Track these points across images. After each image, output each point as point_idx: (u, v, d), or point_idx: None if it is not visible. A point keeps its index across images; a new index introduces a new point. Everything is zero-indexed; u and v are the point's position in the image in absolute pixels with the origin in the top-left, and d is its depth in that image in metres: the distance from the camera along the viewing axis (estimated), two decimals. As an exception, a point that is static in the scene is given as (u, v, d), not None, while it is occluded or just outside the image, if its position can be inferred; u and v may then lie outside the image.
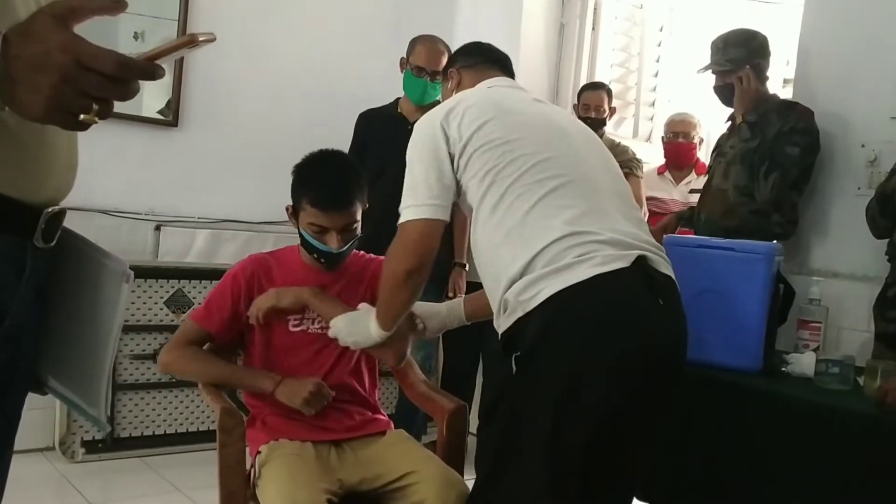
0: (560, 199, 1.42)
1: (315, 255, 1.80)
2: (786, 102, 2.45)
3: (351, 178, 1.81)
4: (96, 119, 0.74)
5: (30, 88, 0.71)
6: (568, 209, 1.41)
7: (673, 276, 1.47)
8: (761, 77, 2.43)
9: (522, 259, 1.38)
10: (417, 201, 1.49)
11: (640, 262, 1.39)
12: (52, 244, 0.91)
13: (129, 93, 0.75)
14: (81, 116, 0.73)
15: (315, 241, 1.77)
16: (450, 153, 1.49)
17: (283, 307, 1.78)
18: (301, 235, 1.80)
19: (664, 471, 1.83)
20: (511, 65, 1.81)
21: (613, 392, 1.34)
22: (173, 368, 1.82)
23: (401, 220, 1.51)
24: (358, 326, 1.68)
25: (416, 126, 1.58)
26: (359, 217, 1.80)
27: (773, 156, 2.32)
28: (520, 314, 1.38)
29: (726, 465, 1.72)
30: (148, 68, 0.74)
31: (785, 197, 2.34)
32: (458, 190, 1.51)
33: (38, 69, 0.70)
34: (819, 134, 2.35)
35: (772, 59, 2.51)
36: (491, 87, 1.67)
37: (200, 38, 0.76)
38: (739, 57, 2.41)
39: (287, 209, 1.84)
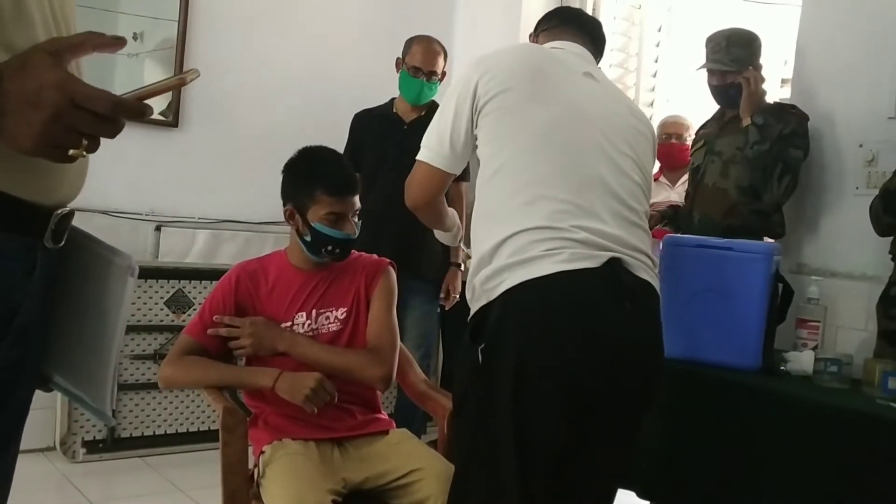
0: (546, 189, 1.41)
1: (330, 248, 1.80)
2: (780, 105, 2.44)
3: (349, 165, 1.92)
4: (84, 153, 0.76)
5: (22, 123, 0.72)
6: (551, 201, 1.40)
7: (653, 282, 1.45)
8: (763, 78, 2.43)
9: (493, 240, 1.40)
10: (431, 146, 1.56)
11: (612, 263, 1.37)
12: (61, 244, 0.93)
13: (117, 130, 0.77)
14: (70, 151, 0.76)
15: (333, 231, 1.78)
16: (473, 109, 1.50)
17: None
18: (314, 231, 1.78)
19: (664, 468, 1.85)
20: (597, 30, 1.74)
21: (558, 386, 1.35)
22: (174, 381, 1.83)
23: (418, 155, 1.58)
24: None
25: (466, 67, 1.57)
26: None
27: (784, 159, 2.32)
28: (483, 302, 1.41)
29: (725, 463, 1.73)
30: (139, 109, 0.77)
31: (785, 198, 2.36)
32: (473, 146, 1.53)
33: (32, 105, 0.72)
34: (810, 135, 2.36)
35: (771, 60, 2.52)
36: (553, 48, 1.64)
37: (188, 79, 0.82)
38: (743, 57, 2.41)
39: (286, 212, 1.84)
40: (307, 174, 1.82)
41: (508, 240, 1.38)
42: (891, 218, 2.04)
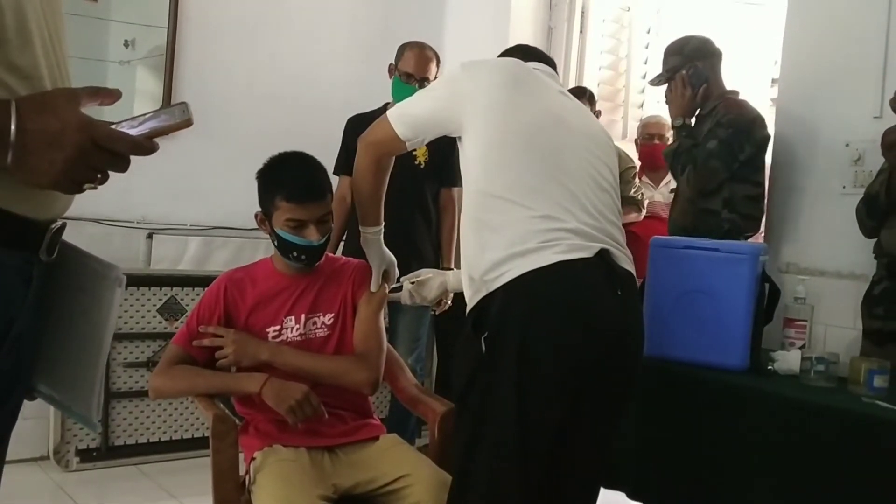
0: (535, 191, 1.49)
1: (295, 254, 1.79)
2: (724, 101, 2.47)
3: (319, 170, 1.86)
4: (96, 186, 0.84)
5: (44, 160, 0.78)
6: (541, 196, 1.48)
7: (633, 272, 1.55)
8: (698, 78, 2.45)
9: (490, 238, 1.47)
10: (403, 112, 1.65)
11: (602, 254, 1.46)
12: (53, 257, 0.96)
13: (128, 166, 0.85)
14: (84, 186, 0.83)
15: (294, 238, 1.77)
16: (453, 108, 1.58)
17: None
18: (278, 237, 1.79)
19: (653, 468, 1.85)
20: (554, 66, 1.83)
21: (559, 369, 1.42)
22: (163, 392, 1.85)
23: (389, 109, 1.69)
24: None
25: (454, 68, 1.68)
26: (331, 208, 1.82)
27: (690, 152, 2.40)
28: (483, 293, 1.46)
29: (713, 462, 1.74)
30: (151, 148, 0.85)
31: (732, 192, 2.36)
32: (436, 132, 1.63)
33: (55, 146, 0.78)
34: (753, 124, 2.37)
35: (759, 60, 2.54)
36: (530, 65, 1.71)
37: (192, 119, 0.87)
38: (676, 64, 2.48)
39: (256, 216, 1.85)
40: (270, 180, 1.81)
41: (506, 236, 1.45)
42: (874, 221, 2.06)
